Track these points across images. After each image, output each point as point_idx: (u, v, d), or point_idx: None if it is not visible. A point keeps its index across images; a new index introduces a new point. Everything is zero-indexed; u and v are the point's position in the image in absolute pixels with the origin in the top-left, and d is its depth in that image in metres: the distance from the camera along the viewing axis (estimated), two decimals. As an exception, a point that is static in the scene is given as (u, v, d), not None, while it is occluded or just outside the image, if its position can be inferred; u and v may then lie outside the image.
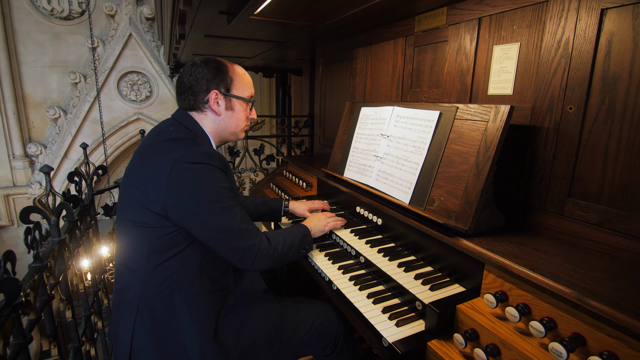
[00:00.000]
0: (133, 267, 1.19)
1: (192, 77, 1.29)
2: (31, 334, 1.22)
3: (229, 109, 1.35)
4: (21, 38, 5.32)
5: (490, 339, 0.99)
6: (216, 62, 1.32)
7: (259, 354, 1.31)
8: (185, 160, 1.13)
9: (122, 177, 1.32)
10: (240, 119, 1.39)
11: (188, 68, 1.32)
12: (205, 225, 1.15)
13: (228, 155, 3.74)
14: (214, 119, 1.34)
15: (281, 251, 1.36)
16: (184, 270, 1.20)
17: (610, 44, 1.10)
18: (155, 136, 1.26)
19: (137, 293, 1.18)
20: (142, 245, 1.18)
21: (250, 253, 1.24)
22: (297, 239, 1.47)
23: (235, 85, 1.35)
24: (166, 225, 1.16)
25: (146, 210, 1.15)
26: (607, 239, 1.13)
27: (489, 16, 1.48)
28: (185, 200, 1.13)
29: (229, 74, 1.33)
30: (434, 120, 1.44)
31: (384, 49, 2.20)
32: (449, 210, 1.30)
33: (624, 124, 1.08)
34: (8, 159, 5.51)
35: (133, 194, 1.19)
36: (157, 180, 1.13)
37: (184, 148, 1.16)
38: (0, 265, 1.04)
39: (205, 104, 1.31)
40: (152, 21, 5.74)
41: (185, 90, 1.31)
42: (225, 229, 1.18)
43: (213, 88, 1.30)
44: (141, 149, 1.26)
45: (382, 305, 1.26)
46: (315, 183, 2.36)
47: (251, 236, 1.24)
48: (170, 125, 1.29)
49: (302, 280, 2.56)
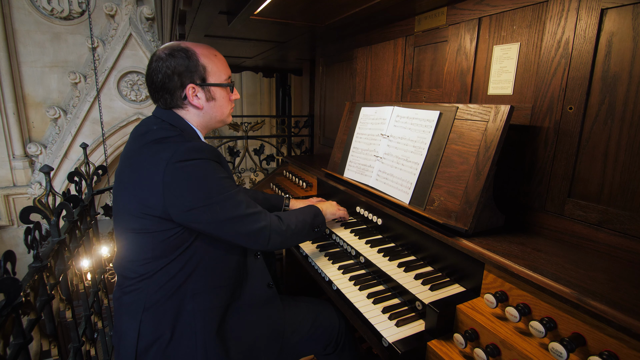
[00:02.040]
0: (137, 271, 1.17)
1: (162, 74, 1.19)
2: (31, 334, 1.22)
3: (210, 99, 1.27)
4: (21, 38, 5.33)
5: (490, 339, 0.99)
6: (182, 50, 1.20)
7: (260, 352, 1.30)
8: (177, 159, 1.08)
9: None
10: (224, 106, 1.31)
11: (154, 64, 1.20)
12: (211, 220, 1.13)
13: (228, 155, 3.74)
14: (197, 113, 1.27)
15: (294, 228, 1.35)
16: (189, 267, 1.18)
17: (610, 44, 1.10)
18: (140, 138, 1.20)
19: (142, 295, 1.17)
20: (146, 252, 1.15)
21: (264, 233, 1.23)
22: (309, 217, 1.47)
23: (210, 71, 1.24)
24: (169, 228, 1.14)
25: (146, 216, 1.12)
26: (607, 239, 1.13)
27: (489, 16, 1.48)
28: (186, 199, 1.10)
29: (200, 62, 1.22)
30: (434, 120, 1.44)
31: (384, 49, 2.20)
32: (449, 210, 1.30)
33: (624, 124, 1.08)
34: (8, 159, 5.51)
35: (129, 201, 1.15)
36: (153, 184, 1.09)
37: (173, 147, 1.11)
38: (0, 265, 1.04)
39: (184, 100, 1.23)
40: (152, 21, 5.74)
41: (158, 90, 1.21)
42: (233, 218, 1.16)
43: (188, 82, 1.21)
44: (127, 153, 1.21)
45: (382, 305, 1.26)
46: (315, 183, 2.36)
47: (260, 218, 1.23)
48: (153, 123, 1.22)
49: (303, 280, 2.56)
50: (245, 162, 3.83)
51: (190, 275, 1.19)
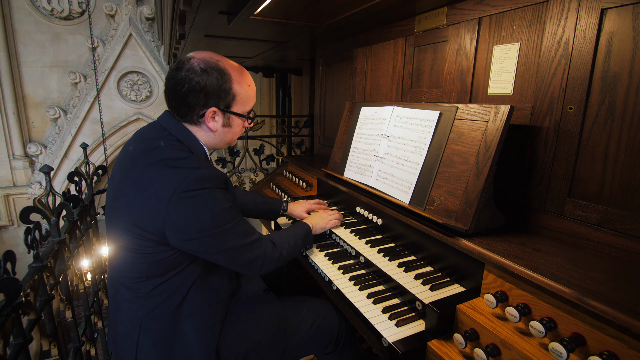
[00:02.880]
0: (131, 286, 1.14)
1: (189, 87, 1.12)
2: (31, 334, 1.22)
3: (227, 125, 1.22)
4: (21, 38, 5.33)
5: (490, 339, 0.99)
6: (219, 71, 1.14)
7: (263, 356, 1.31)
8: (184, 188, 1.03)
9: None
10: (236, 133, 1.29)
11: (184, 73, 1.12)
12: (209, 250, 1.12)
13: (228, 155, 3.74)
14: (208, 134, 1.22)
15: (286, 254, 1.38)
16: (185, 286, 1.17)
17: (610, 44, 1.10)
18: (145, 153, 1.12)
19: (139, 311, 1.15)
20: (141, 271, 1.12)
21: (258, 262, 1.24)
22: (300, 239, 1.50)
23: (238, 101, 1.20)
24: (164, 250, 1.11)
25: (143, 238, 1.08)
26: (607, 239, 1.13)
27: (489, 16, 1.48)
28: (187, 229, 1.07)
29: (232, 90, 1.17)
30: (434, 120, 1.44)
31: (384, 49, 2.20)
32: (449, 210, 1.30)
33: (624, 124, 1.08)
34: (8, 159, 5.51)
35: (127, 218, 1.10)
36: (156, 209, 1.05)
37: (182, 174, 1.05)
38: (0, 265, 1.04)
39: (200, 118, 1.17)
40: (152, 21, 5.74)
41: (178, 98, 1.14)
42: (230, 249, 1.15)
43: (212, 105, 1.15)
44: (127, 166, 1.14)
45: (382, 305, 1.26)
46: (315, 183, 2.36)
47: (257, 246, 1.24)
48: (160, 138, 1.15)
49: (302, 280, 2.56)
50: (245, 162, 3.83)
51: (186, 295, 1.17)
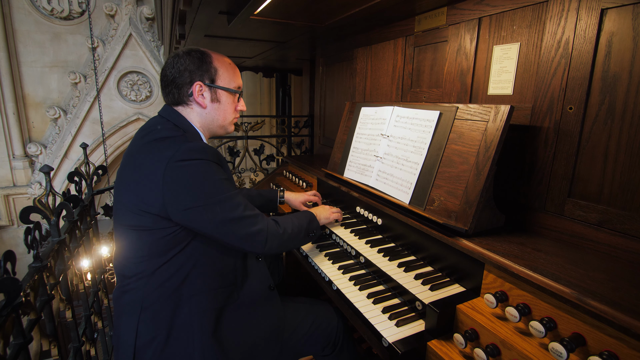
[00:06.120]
0: (134, 270, 1.18)
1: (175, 69, 1.25)
2: (31, 334, 1.22)
3: (215, 100, 1.31)
4: (21, 38, 5.33)
5: (490, 339, 0.99)
6: (199, 52, 1.27)
7: (259, 354, 1.31)
8: (178, 158, 1.10)
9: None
10: (227, 111, 1.35)
11: (171, 60, 1.27)
12: (209, 220, 1.14)
13: (228, 155, 3.73)
14: (200, 112, 1.31)
15: (291, 233, 1.37)
16: (186, 268, 1.19)
17: (610, 44, 1.10)
18: (144, 136, 1.22)
19: (140, 295, 1.18)
20: (142, 249, 1.16)
21: (260, 236, 1.24)
22: (305, 222, 1.50)
23: (220, 75, 1.30)
24: (166, 226, 1.15)
25: (144, 213, 1.13)
26: (607, 239, 1.13)
27: (489, 16, 1.48)
28: (184, 199, 1.11)
29: (213, 64, 1.28)
30: (434, 120, 1.44)
31: (384, 49, 2.20)
32: (449, 210, 1.30)
33: (624, 124, 1.08)
34: (8, 159, 5.51)
35: (128, 198, 1.17)
36: (153, 182, 1.10)
37: (175, 146, 1.13)
38: (0, 265, 1.04)
39: (189, 96, 1.27)
40: (152, 21, 5.74)
41: (169, 84, 1.27)
42: (230, 220, 1.17)
43: (196, 79, 1.26)
44: (130, 151, 1.24)
45: (382, 305, 1.26)
46: (315, 183, 2.36)
47: (257, 221, 1.25)
48: (158, 123, 1.26)
49: (302, 280, 2.56)
50: (245, 162, 3.83)
51: (186, 277, 1.19)
